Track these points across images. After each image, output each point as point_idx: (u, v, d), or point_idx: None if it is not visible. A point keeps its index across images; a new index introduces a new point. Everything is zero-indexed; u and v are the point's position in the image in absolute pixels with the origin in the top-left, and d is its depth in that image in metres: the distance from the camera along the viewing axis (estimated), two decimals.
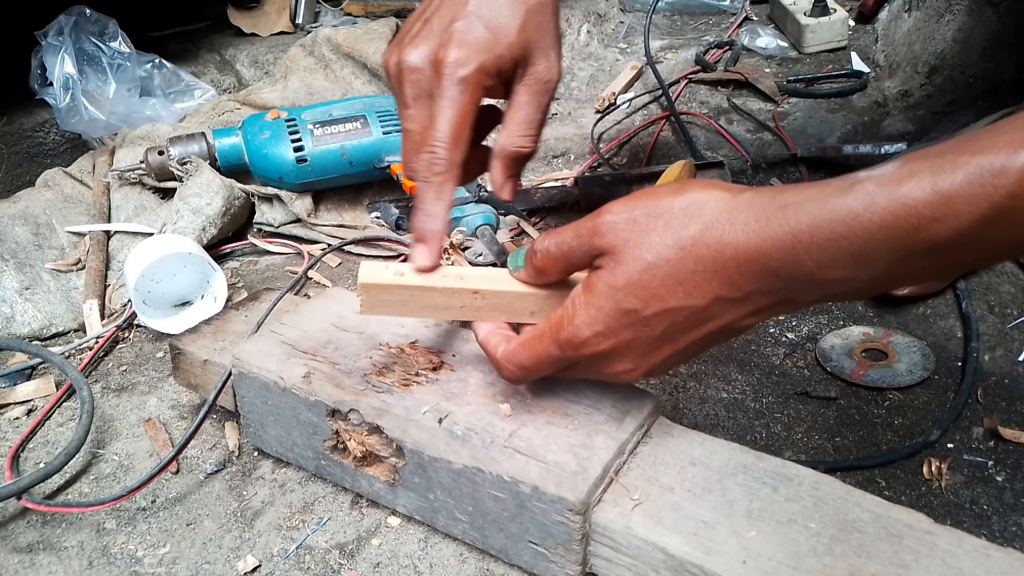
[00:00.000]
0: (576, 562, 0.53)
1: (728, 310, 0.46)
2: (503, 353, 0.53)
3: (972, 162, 0.37)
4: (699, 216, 0.45)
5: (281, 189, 1.01)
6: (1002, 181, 0.37)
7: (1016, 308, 0.78)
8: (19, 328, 0.86)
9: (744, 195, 0.45)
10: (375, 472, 0.61)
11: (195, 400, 0.76)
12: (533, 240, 0.54)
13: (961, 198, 0.37)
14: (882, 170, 0.40)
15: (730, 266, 0.44)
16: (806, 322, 0.80)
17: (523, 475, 0.52)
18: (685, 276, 0.45)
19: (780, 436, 0.67)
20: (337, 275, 0.95)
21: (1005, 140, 0.37)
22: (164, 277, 0.86)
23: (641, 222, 0.46)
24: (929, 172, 0.38)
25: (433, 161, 0.54)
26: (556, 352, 0.50)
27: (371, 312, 0.56)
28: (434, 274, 0.55)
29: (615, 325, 0.48)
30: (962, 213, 0.37)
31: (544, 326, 0.51)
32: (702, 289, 0.45)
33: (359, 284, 0.54)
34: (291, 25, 1.50)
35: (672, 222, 0.45)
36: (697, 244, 0.44)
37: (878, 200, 0.39)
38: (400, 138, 0.95)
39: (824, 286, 0.43)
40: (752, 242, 0.43)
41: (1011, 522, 0.58)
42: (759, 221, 0.43)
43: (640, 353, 0.49)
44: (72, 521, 0.64)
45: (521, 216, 0.99)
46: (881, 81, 1.25)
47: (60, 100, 1.13)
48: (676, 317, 0.46)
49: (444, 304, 0.55)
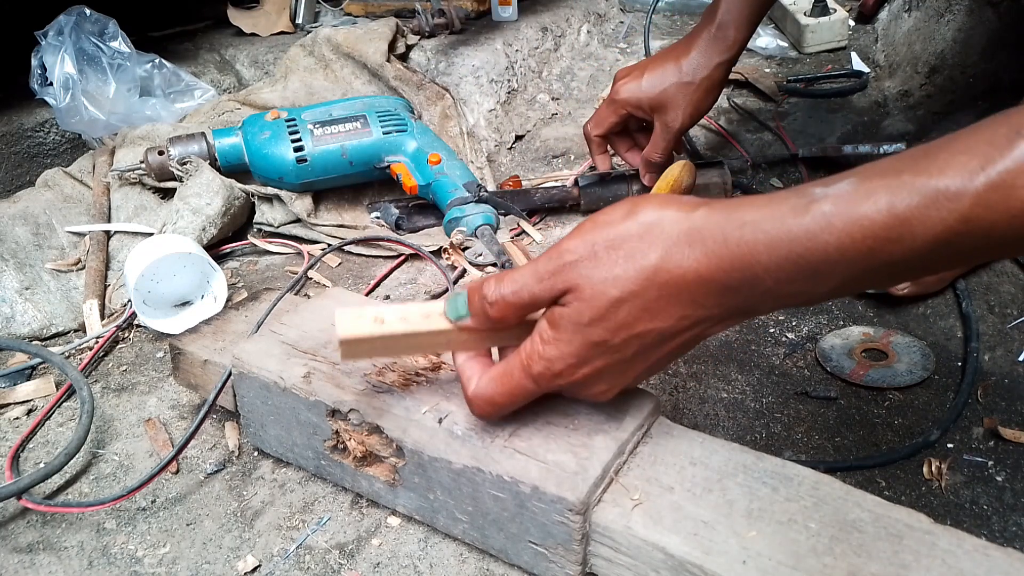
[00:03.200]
0: (576, 562, 0.53)
1: (693, 326, 0.47)
2: (473, 391, 0.53)
3: (928, 185, 0.38)
4: (658, 241, 0.45)
5: (281, 189, 1.01)
6: (955, 205, 0.38)
7: (1016, 308, 0.78)
8: (19, 328, 0.86)
9: (699, 212, 0.45)
10: (375, 472, 0.61)
11: (195, 400, 0.76)
12: (472, 285, 0.52)
13: (916, 221, 0.38)
14: (838, 188, 0.41)
15: (692, 288, 0.45)
16: (806, 322, 0.80)
17: (523, 475, 0.52)
18: (650, 303, 0.46)
19: (780, 436, 0.67)
20: (337, 275, 0.95)
21: (960, 163, 0.38)
22: (164, 277, 0.86)
23: (602, 256, 0.47)
24: (886, 193, 0.39)
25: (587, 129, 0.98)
26: (531, 386, 0.51)
27: (353, 359, 0.54)
28: (414, 315, 0.52)
29: (586, 356, 0.49)
30: (917, 235, 0.39)
31: (514, 362, 0.51)
32: (667, 312, 0.46)
33: (337, 339, 0.51)
34: (291, 25, 1.50)
35: (633, 253, 0.46)
36: (659, 272, 0.45)
37: (835, 222, 0.40)
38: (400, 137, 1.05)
39: (783, 299, 0.44)
40: (712, 263, 0.44)
41: (1011, 522, 0.58)
42: (717, 242, 0.44)
43: (613, 375, 0.50)
44: (72, 521, 0.64)
45: (521, 216, 0.99)
46: (881, 81, 1.26)
47: (60, 100, 1.13)
48: (645, 340, 0.47)
49: (428, 343, 0.54)
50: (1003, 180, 0.37)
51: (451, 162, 0.99)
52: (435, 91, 1.16)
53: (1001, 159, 0.37)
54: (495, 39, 1.30)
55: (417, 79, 1.17)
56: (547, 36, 1.40)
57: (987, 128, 0.39)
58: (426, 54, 1.26)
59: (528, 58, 1.34)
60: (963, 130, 0.40)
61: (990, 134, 0.38)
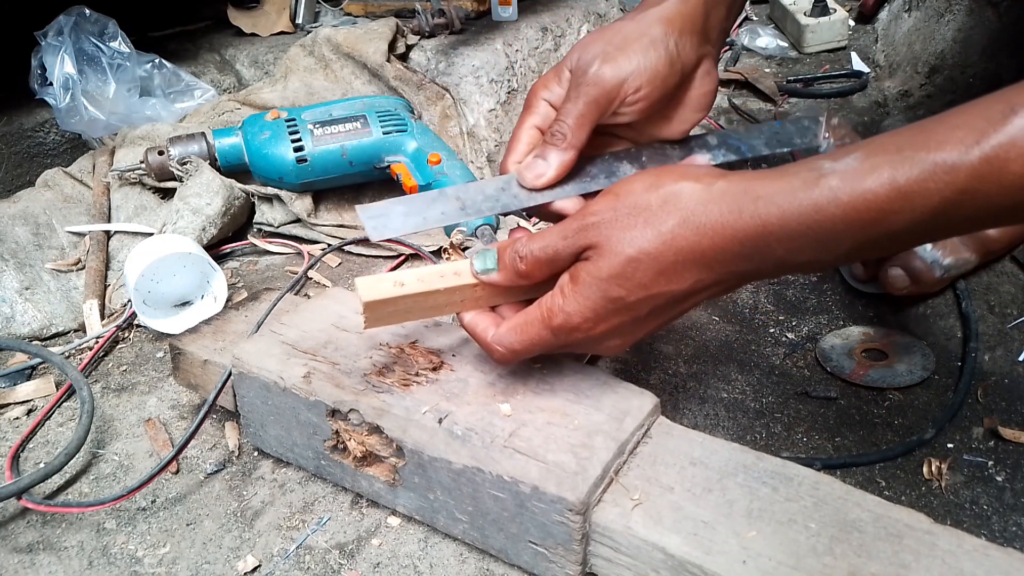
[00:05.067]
0: (576, 562, 0.53)
1: (704, 289, 0.51)
2: (494, 337, 0.56)
3: (927, 159, 0.41)
4: (677, 209, 0.48)
5: (281, 189, 1.01)
6: (952, 178, 0.41)
7: (1016, 308, 0.78)
8: (19, 328, 0.86)
9: (717, 185, 0.48)
10: (375, 472, 0.61)
11: (195, 400, 0.76)
12: (503, 243, 0.56)
13: (916, 193, 0.42)
14: (846, 163, 0.44)
15: (708, 255, 0.48)
16: (806, 322, 0.80)
17: (523, 475, 0.52)
18: (666, 266, 0.49)
19: (780, 436, 0.67)
20: (337, 275, 0.95)
21: (957, 137, 0.41)
22: (164, 277, 0.86)
23: (623, 219, 0.50)
24: (888, 167, 0.42)
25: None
26: (550, 337, 0.54)
27: (376, 325, 0.56)
28: (433, 276, 0.56)
29: (603, 312, 0.51)
30: (917, 206, 0.42)
31: (535, 313, 0.54)
32: (682, 276, 0.49)
33: (362, 303, 0.54)
34: (291, 25, 1.49)
35: (652, 218, 0.49)
36: (676, 237, 0.48)
37: (841, 196, 0.43)
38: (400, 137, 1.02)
39: (792, 267, 0.48)
40: (727, 233, 0.47)
41: (1011, 522, 0.58)
42: (732, 213, 0.46)
43: (627, 331, 0.53)
44: (72, 521, 0.64)
45: (521, 216, 0.99)
46: (881, 81, 1.26)
47: (60, 100, 1.13)
48: (658, 300, 0.51)
49: (446, 302, 0.56)
50: (996, 154, 0.40)
51: (451, 162, 0.99)
52: (435, 91, 1.16)
53: (995, 134, 0.40)
54: (495, 39, 1.30)
55: (417, 79, 1.17)
56: (547, 36, 1.40)
57: (984, 104, 0.41)
58: (426, 54, 1.26)
59: (528, 58, 1.34)
60: (961, 106, 0.42)
61: (986, 110, 0.41)
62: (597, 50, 0.58)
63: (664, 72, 0.58)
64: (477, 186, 0.59)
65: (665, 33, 0.58)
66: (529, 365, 0.61)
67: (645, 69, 0.57)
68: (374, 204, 0.57)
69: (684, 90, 0.61)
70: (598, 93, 0.57)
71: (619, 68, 0.57)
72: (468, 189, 0.59)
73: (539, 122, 0.62)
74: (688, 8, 0.60)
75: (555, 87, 0.61)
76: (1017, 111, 0.39)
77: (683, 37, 0.59)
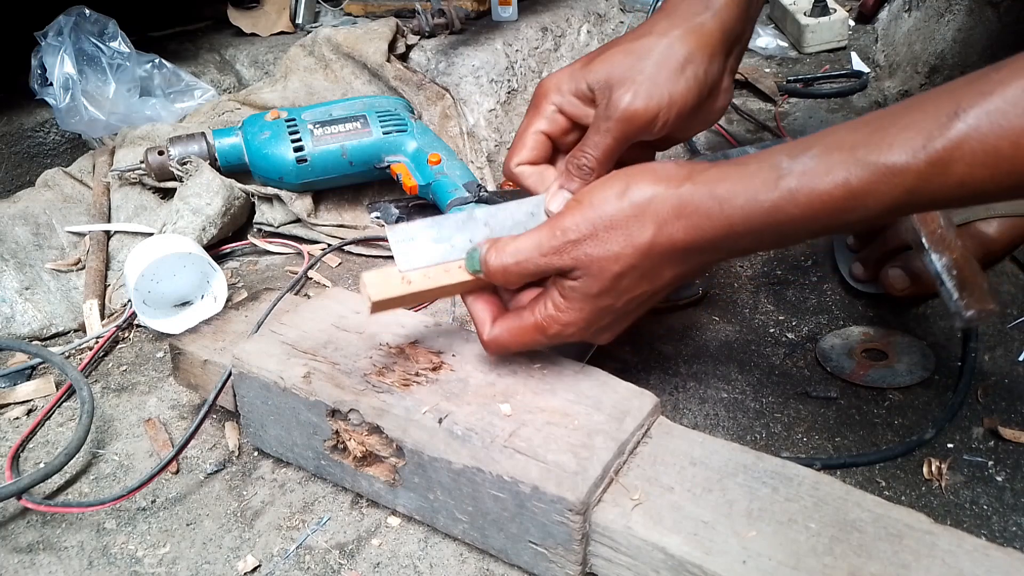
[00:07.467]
0: (576, 562, 0.53)
1: (681, 277, 0.55)
2: (488, 337, 0.59)
3: (879, 163, 0.44)
4: (650, 220, 0.52)
5: (281, 189, 1.01)
6: (901, 180, 0.43)
7: (1016, 308, 0.78)
8: (19, 328, 0.86)
9: (684, 188, 0.51)
10: (375, 472, 0.61)
11: (195, 400, 0.76)
12: (485, 247, 0.57)
13: (868, 194, 0.44)
14: (803, 163, 0.47)
15: (681, 253, 0.52)
16: (806, 322, 0.80)
17: (523, 475, 0.52)
18: (647, 271, 0.53)
19: (780, 436, 0.67)
20: (337, 275, 0.95)
21: (906, 139, 0.43)
22: (164, 277, 0.86)
23: (602, 236, 0.53)
24: (842, 169, 0.45)
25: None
26: (543, 341, 0.58)
27: (379, 312, 0.58)
28: (436, 271, 0.58)
29: (594, 318, 0.56)
30: (869, 206, 0.45)
31: (529, 320, 0.57)
32: (661, 274, 0.54)
33: (371, 303, 0.56)
34: (291, 25, 1.49)
35: (630, 232, 0.52)
36: (654, 246, 0.52)
37: (799, 197, 0.46)
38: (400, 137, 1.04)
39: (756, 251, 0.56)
40: (698, 234, 0.51)
41: (1011, 522, 0.58)
42: (701, 216, 0.50)
43: (615, 326, 0.58)
44: (72, 521, 0.64)
45: None
46: (881, 81, 1.26)
47: (60, 100, 1.13)
48: (642, 297, 0.56)
49: (451, 291, 0.60)
50: (940, 157, 0.42)
51: (451, 162, 0.99)
52: (435, 91, 1.15)
53: (940, 137, 0.42)
54: (495, 39, 1.30)
55: (417, 79, 1.17)
56: (547, 36, 1.40)
57: (932, 103, 0.43)
58: (426, 54, 1.26)
59: (528, 58, 1.34)
60: (914, 99, 0.45)
61: (934, 110, 0.43)
62: (625, 73, 0.59)
63: (693, 103, 0.60)
64: (506, 212, 0.60)
65: (696, 56, 0.59)
66: (529, 365, 0.61)
67: (675, 102, 0.59)
68: (403, 225, 0.58)
69: (701, 105, 0.62)
70: (628, 129, 0.59)
71: (650, 101, 0.58)
72: (496, 215, 0.60)
73: (546, 128, 0.63)
74: (718, 23, 0.60)
75: (568, 94, 0.62)
76: (960, 114, 0.41)
77: (713, 60, 0.61)
